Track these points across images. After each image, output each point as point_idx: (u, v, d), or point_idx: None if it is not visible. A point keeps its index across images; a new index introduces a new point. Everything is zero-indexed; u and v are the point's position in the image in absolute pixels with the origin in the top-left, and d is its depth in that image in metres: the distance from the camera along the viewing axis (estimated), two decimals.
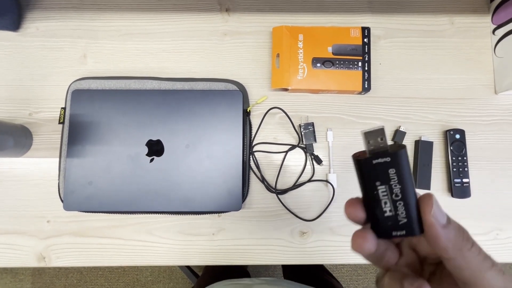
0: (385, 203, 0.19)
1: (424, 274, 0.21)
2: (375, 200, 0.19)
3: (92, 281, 1.12)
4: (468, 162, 0.45)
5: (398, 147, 0.18)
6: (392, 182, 0.18)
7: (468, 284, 0.18)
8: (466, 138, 0.46)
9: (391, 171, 0.18)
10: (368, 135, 0.19)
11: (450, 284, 0.19)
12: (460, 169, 0.45)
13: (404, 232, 0.19)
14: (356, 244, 0.19)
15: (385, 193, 0.19)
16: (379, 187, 0.19)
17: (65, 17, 0.49)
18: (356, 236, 0.19)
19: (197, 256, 0.45)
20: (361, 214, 0.20)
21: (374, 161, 0.19)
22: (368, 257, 0.21)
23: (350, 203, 0.20)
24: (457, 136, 0.45)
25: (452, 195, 0.45)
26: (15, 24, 0.47)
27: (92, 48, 0.48)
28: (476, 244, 0.18)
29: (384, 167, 0.18)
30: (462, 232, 0.18)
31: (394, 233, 0.19)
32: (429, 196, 0.18)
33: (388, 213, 0.19)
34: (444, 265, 0.19)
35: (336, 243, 0.45)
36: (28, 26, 0.48)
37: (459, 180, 0.45)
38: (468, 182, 0.45)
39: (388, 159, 0.18)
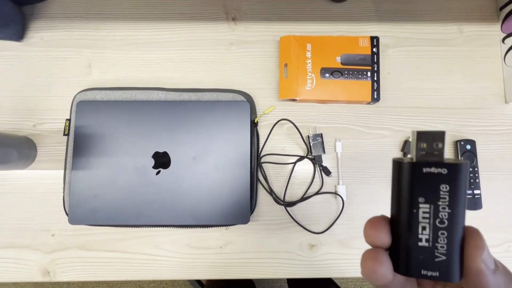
0: (424, 228, 0.15)
1: None
2: (410, 222, 0.15)
3: None
4: (479, 173, 0.45)
5: (458, 160, 0.15)
6: (440, 203, 0.14)
7: None
8: (477, 148, 0.45)
9: (444, 188, 0.14)
10: (422, 136, 0.15)
11: None
12: (471, 180, 0.44)
13: (437, 273, 0.15)
14: (368, 268, 0.15)
15: (427, 215, 0.15)
16: (421, 206, 0.15)
17: (70, 26, 0.48)
18: (367, 257, 0.15)
19: (204, 270, 0.44)
20: (386, 238, 0.16)
21: (425, 170, 0.15)
22: None
23: (373, 223, 0.16)
24: (468, 147, 0.45)
25: None
26: (19, 34, 0.47)
27: (97, 58, 0.47)
28: None
29: (435, 180, 0.14)
30: (510, 277, 0.15)
31: (423, 272, 0.15)
32: (477, 233, 0.15)
33: (423, 243, 0.15)
34: None
35: (346, 256, 0.44)
36: (32, 36, 0.48)
37: (470, 192, 0.44)
38: (479, 194, 0.44)
39: (444, 170, 0.14)
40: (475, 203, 0.44)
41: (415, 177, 0.15)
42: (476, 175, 0.44)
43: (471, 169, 0.44)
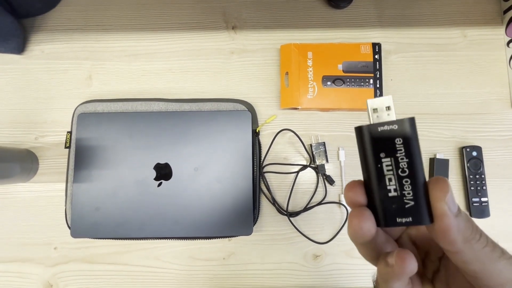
0: (390, 179, 0.16)
1: (427, 273, 0.20)
2: (378, 176, 0.17)
3: None
4: (486, 180, 0.44)
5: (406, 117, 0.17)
6: (398, 154, 0.16)
7: (478, 278, 0.16)
8: (483, 154, 0.44)
9: (398, 141, 0.16)
10: (373, 104, 0.18)
11: (457, 281, 0.18)
12: (478, 188, 0.43)
13: (410, 219, 0.16)
14: (354, 225, 0.16)
15: (390, 167, 0.16)
16: (383, 160, 0.16)
17: (70, 38, 0.48)
18: (353, 215, 0.17)
19: (207, 282, 0.43)
20: (362, 197, 0.17)
21: (380, 128, 0.17)
22: (365, 249, 0.18)
23: (350, 186, 0.18)
24: (474, 154, 0.44)
25: (470, 215, 0.43)
26: (19, 48, 0.47)
27: (97, 70, 0.47)
28: (484, 234, 0.16)
29: (390, 136, 0.16)
30: (471, 223, 0.16)
31: (399, 220, 0.16)
32: (443, 180, 0.16)
33: (392, 193, 0.16)
34: (448, 260, 0.17)
35: (351, 266, 0.43)
36: (33, 48, 0.48)
37: (477, 199, 0.43)
38: (486, 201, 0.43)
39: (395, 126, 0.16)
40: (482, 211, 0.43)
41: (373, 137, 0.17)
42: (483, 182, 0.43)
43: (477, 176, 0.43)
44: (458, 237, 0.15)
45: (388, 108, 0.17)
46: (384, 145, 0.17)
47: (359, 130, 0.17)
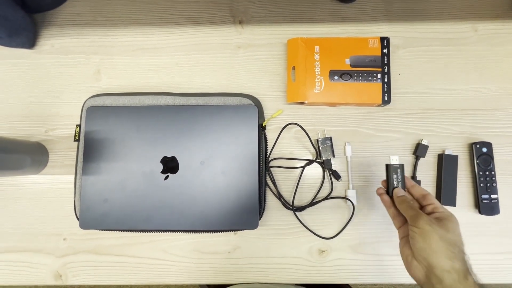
0: (395, 183, 0.37)
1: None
2: (390, 181, 0.37)
3: None
4: (496, 176, 0.43)
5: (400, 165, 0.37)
6: (399, 175, 0.37)
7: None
8: (494, 151, 0.44)
9: (399, 171, 0.37)
10: (389, 168, 0.38)
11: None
12: (488, 185, 0.43)
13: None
14: (383, 200, 0.38)
15: (396, 179, 0.37)
16: (394, 176, 0.37)
17: (79, 33, 0.49)
18: (381, 195, 0.38)
19: (212, 275, 0.44)
20: (384, 190, 0.38)
21: (393, 166, 0.37)
22: (390, 212, 0.37)
23: (379, 188, 0.39)
24: (484, 150, 0.43)
25: (480, 212, 0.42)
26: (30, 42, 0.47)
27: (106, 64, 0.48)
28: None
29: (396, 169, 0.37)
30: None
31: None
32: (399, 190, 0.36)
33: (394, 186, 0.37)
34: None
35: (356, 261, 0.43)
36: (44, 43, 0.49)
37: (487, 196, 0.42)
38: (496, 198, 0.42)
39: (398, 166, 0.37)
40: (492, 208, 0.42)
41: (390, 169, 0.37)
42: (493, 178, 0.43)
43: (487, 173, 0.43)
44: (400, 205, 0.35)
45: (397, 159, 0.38)
46: (394, 171, 0.37)
47: (386, 166, 0.38)
